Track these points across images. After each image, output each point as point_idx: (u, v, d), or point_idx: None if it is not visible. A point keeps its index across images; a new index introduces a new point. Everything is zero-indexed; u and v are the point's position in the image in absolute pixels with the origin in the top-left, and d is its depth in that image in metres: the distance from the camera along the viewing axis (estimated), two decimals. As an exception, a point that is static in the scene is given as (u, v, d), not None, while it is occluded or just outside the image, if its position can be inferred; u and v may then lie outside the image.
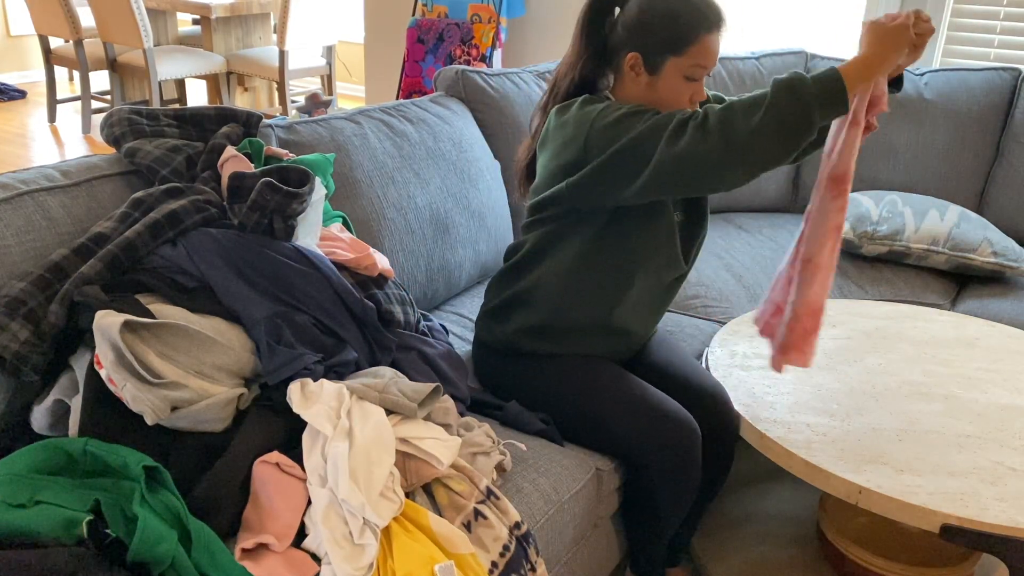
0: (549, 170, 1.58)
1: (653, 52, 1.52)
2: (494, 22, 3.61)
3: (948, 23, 3.01)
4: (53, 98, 5.39)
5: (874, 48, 1.38)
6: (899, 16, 1.39)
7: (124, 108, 1.61)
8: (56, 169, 1.46)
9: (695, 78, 1.53)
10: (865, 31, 1.41)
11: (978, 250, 2.32)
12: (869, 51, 1.38)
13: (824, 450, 1.52)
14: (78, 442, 1.15)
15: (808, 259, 1.53)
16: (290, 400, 1.28)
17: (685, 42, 1.49)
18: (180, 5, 4.95)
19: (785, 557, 1.88)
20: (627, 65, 1.55)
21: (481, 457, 1.41)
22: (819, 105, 1.35)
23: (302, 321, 1.36)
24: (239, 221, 1.42)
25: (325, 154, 1.74)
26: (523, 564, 1.30)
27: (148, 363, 1.20)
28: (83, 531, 1.03)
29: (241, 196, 1.42)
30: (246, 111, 1.67)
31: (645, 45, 1.52)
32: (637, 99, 1.57)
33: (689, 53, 1.50)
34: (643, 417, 1.53)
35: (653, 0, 1.52)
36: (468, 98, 2.26)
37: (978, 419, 1.63)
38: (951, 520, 1.37)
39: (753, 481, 2.13)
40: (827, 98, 1.36)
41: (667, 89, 1.54)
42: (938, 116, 2.64)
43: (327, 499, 1.18)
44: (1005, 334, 1.99)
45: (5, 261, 1.31)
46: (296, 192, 1.41)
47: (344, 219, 1.74)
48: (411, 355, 1.52)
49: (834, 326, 1.98)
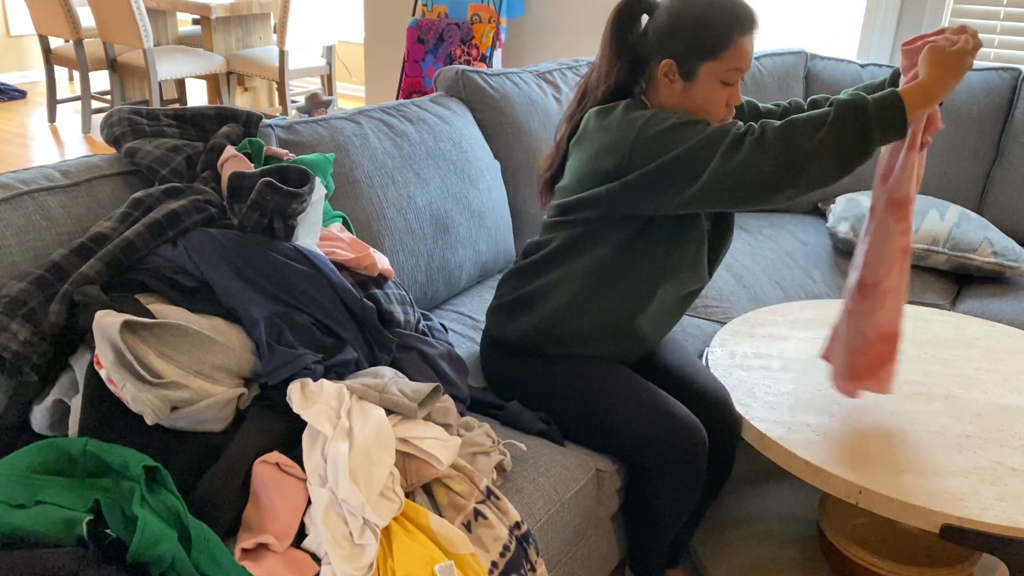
0: (584, 172, 1.55)
1: (687, 58, 1.50)
2: (494, 22, 3.61)
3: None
4: (53, 98, 5.39)
5: (936, 74, 1.37)
6: (958, 39, 1.38)
7: (124, 108, 1.61)
8: (56, 169, 1.46)
9: (731, 82, 1.51)
10: (925, 55, 1.39)
11: (978, 250, 2.33)
12: (930, 77, 1.37)
13: (824, 450, 1.52)
14: (78, 442, 1.15)
15: (875, 283, 1.53)
16: (290, 400, 1.28)
17: (720, 47, 1.48)
18: (180, 5, 4.95)
19: (785, 557, 1.88)
20: (660, 72, 1.53)
21: (481, 457, 1.41)
22: (880, 129, 1.35)
23: (302, 321, 1.36)
24: (239, 221, 1.41)
25: (325, 154, 1.73)
26: (523, 564, 1.30)
27: (148, 363, 1.20)
28: (83, 531, 1.03)
29: (241, 196, 1.42)
30: (246, 111, 1.67)
31: (679, 52, 1.50)
32: (672, 106, 1.55)
33: (724, 58, 1.48)
34: (651, 421, 1.52)
35: (684, 6, 1.50)
36: (468, 98, 2.26)
37: (978, 419, 1.63)
38: (951, 520, 1.37)
39: (753, 481, 2.13)
40: (888, 123, 1.35)
41: (703, 95, 1.52)
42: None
43: (327, 499, 1.18)
44: (1005, 334, 1.99)
45: (5, 261, 1.31)
46: (296, 192, 1.41)
47: (344, 219, 1.74)
48: (411, 355, 1.52)
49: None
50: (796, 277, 2.34)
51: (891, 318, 1.54)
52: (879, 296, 1.53)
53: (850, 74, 2.76)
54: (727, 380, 1.74)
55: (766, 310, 2.06)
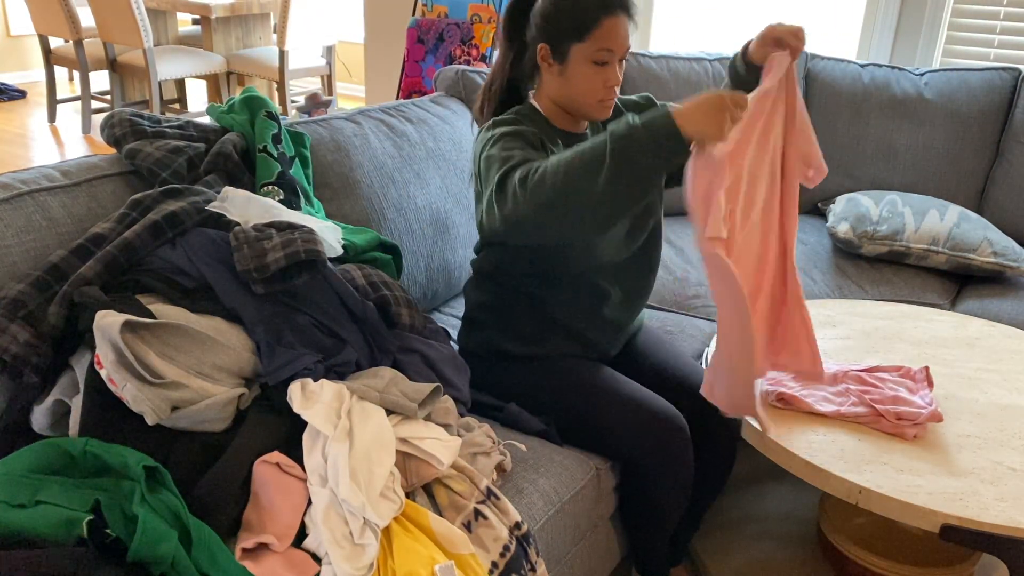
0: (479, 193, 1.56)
1: (559, 41, 1.52)
2: (494, 22, 3.61)
3: (948, 23, 3.01)
4: (53, 98, 5.39)
5: (693, 113, 1.28)
6: (729, 95, 1.28)
7: (125, 109, 1.61)
8: (56, 169, 1.46)
9: (603, 62, 1.51)
10: (700, 97, 1.30)
11: (978, 250, 2.32)
12: (688, 112, 1.28)
13: (824, 450, 1.52)
14: (78, 442, 1.15)
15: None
16: (290, 400, 1.28)
17: (586, 27, 1.48)
18: (180, 5, 4.95)
19: (785, 557, 1.88)
20: (539, 57, 1.55)
21: (481, 457, 1.41)
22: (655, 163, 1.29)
23: (302, 322, 1.36)
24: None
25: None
26: (523, 564, 1.30)
27: (148, 363, 1.20)
28: (83, 531, 1.03)
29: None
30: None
31: (552, 35, 1.52)
32: (555, 94, 1.58)
33: (591, 38, 1.49)
34: (631, 415, 1.53)
35: None
36: (468, 98, 2.26)
37: (978, 419, 1.63)
38: (951, 520, 1.37)
39: (753, 481, 2.13)
40: (656, 153, 1.29)
41: (578, 77, 1.52)
42: (938, 116, 2.64)
43: (327, 499, 1.18)
44: (1005, 334, 1.99)
45: (5, 261, 1.31)
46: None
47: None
48: (413, 357, 1.52)
49: (834, 326, 1.98)
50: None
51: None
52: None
53: (850, 74, 2.76)
54: (727, 380, 1.74)
55: (766, 310, 2.06)
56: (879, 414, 1.57)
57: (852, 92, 2.73)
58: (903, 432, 1.55)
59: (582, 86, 1.53)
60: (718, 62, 2.78)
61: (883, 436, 1.56)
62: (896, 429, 1.56)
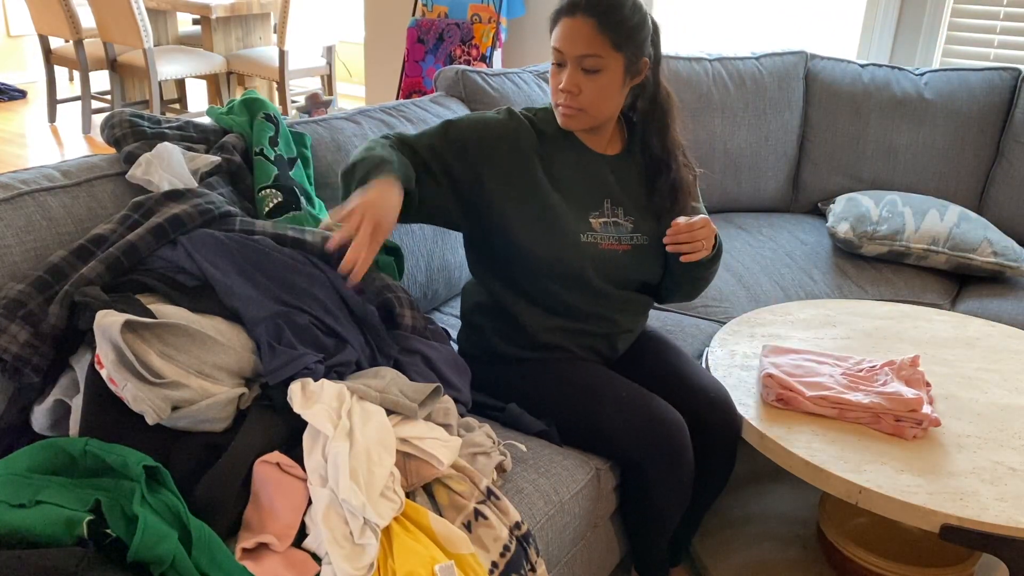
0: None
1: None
2: (494, 22, 3.61)
3: (948, 23, 3.01)
4: (53, 98, 5.39)
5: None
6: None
7: (125, 110, 1.61)
8: (56, 169, 1.46)
9: (557, 63, 1.56)
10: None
11: (978, 250, 2.33)
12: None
13: (824, 450, 1.52)
14: (78, 442, 1.15)
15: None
16: (291, 400, 1.28)
17: (552, 27, 1.55)
18: (180, 5, 4.95)
19: (785, 557, 1.88)
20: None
21: (481, 457, 1.41)
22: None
23: (303, 322, 1.36)
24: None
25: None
26: (523, 564, 1.30)
27: (149, 363, 1.20)
28: (83, 531, 1.03)
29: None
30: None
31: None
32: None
33: (552, 37, 1.55)
34: (631, 416, 1.53)
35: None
36: (468, 98, 2.26)
37: (978, 419, 1.63)
38: (951, 520, 1.37)
39: (753, 481, 2.13)
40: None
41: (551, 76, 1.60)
42: (938, 116, 2.64)
43: (327, 499, 1.18)
44: (1005, 334, 1.99)
45: (5, 261, 1.31)
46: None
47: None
48: (414, 358, 1.52)
49: (834, 326, 1.98)
50: (796, 277, 2.34)
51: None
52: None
53: (850, 74, 2.76)
54: (727, 380, 1.74)
55: (766, 310, 2.06)
56: (879, 414, 1.57)
57: (852, 92, 2.73)
58: (903, 432, 1.55)
59: (551, 88, 1.59)
60: (718, 62, 2.78)
61: (883, 436, 1.56)
62: (896, 429, 1.56)
